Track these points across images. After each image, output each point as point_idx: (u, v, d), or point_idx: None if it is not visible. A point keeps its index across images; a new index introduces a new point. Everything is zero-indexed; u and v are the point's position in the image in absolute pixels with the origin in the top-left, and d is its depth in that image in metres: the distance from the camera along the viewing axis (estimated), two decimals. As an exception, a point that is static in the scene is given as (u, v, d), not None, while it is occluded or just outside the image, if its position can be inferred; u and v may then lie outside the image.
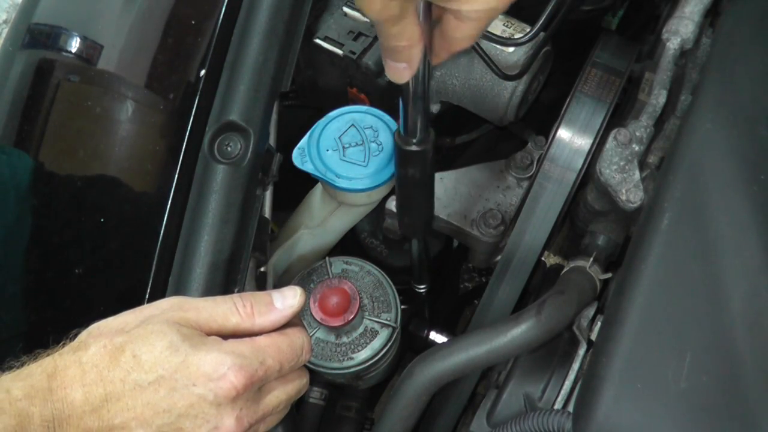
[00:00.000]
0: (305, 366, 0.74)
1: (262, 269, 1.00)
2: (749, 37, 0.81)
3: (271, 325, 0.68)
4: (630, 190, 0.89)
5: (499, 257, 1.07)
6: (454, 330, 1.35)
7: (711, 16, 0.97)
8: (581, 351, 0.89)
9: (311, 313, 1.03)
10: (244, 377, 0.62)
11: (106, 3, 0.92)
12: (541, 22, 1.00)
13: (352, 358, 1.04)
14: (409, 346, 1.28)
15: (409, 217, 0.97)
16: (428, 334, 1.27)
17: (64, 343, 0.63)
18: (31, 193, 0.86)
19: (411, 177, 0.85)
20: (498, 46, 1.06)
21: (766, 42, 0.80)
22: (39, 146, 0.83)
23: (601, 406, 0.64)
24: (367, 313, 1.06)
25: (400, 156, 0.83)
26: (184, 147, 0.85)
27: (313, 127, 1.02)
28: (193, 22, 0.89)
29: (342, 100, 1.17)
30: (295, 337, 0.69)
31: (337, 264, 1.11)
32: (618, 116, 1.08)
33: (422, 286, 1.20)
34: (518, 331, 0.82)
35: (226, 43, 0.88)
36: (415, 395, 0.85)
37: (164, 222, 0.84)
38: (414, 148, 0.80)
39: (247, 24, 0.89)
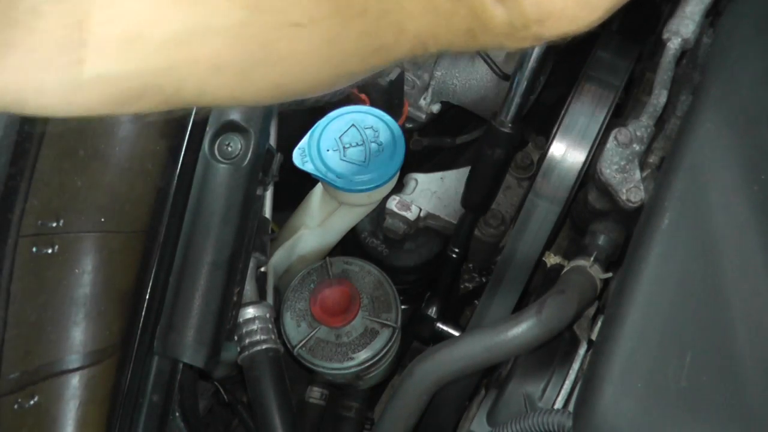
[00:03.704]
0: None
1: (262, 269, 1.00)
2: (749, 37, 0.81)
3: None
4: (630, 190, 0.89)
5: (499, 257, 1.07)
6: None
7: (712, 16, 0.97)
8: (581, 351, 0.89)
9: (311, 313, 1.03)
10: None
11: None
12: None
13: (352, 358, 1.04)
14: (415, 333, 1.27)
15: (476, 194, 1.07)
16: (436, 322, 1.26)
17: None
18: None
19: (496, 158, 0.97)
20: (498, 46, 1.06)
21: (766, 42, 0.80)
22: (39, 145, 0.83)
23: (601, 405, 0.64)
24: (367, 313, 1.06)
25: (492, 136, 0.95)
26: (184, 147, 0.85)
27: (314, 127, 1.02)
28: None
29: (343, 100, 1.17)
30: None
31: (337, 264, 1.11)
32: (619, 116, 1.08)
33: (456, 249, 1.20)
34: (518, 331, 0.82)
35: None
36: (415, 395, 0.85)
37: (164, 222, 0.84)
38: (507, 130, 0.92)
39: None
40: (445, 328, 1.25)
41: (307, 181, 1.06)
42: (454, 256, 1.20)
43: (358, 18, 0.43)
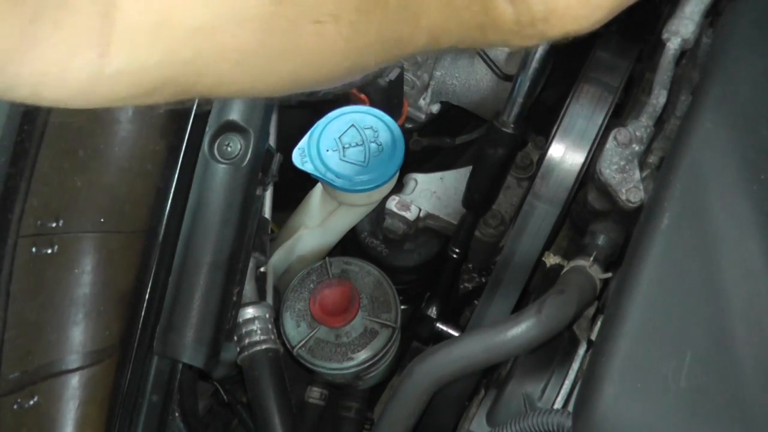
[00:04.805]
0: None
1: (262, 269, 1.00)
2: (749, 37, 0.81)
3: None
4: (630, 190, 0.89)
5: (498, 257, 1.07)
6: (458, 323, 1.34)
7: (711, 16, 0.97)
8: (581, 351, 0.89)
9: (311, 313, 1.03)
10: None
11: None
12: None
13: (352, 358, 1.04)
14: (414, 333, 1.27)
15: (478, 194, 1.08)
16: (435, 322, 1.26)
17: None
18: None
19: (498, 157, 0.98)
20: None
21: (766, 42, 0.80)
22: (39, 145, 0.83)
23: (601, 405, 0.64)
24: (367, 313, 1.06)
25: (494, 136, 0.97)
26: (184, 147, 0.85)
27: (313, 127, 1.02)
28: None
29: (342, 100, 1.17)
30: None
31: (337, 264, 1.11)
32: (618, 116, 1.08)
33: (457, 250, 1.20)
34: (518, 331, 0.82)
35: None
36: (415, 395, 0.85)
37: (164, 222, 0.84)
38: (509, 130, 0.94)
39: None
40: (444, 328, 1.25)
41: (307, 181, 1.06)
42: (454, 256, 1.20)
43: (379, 10, 0.43)
